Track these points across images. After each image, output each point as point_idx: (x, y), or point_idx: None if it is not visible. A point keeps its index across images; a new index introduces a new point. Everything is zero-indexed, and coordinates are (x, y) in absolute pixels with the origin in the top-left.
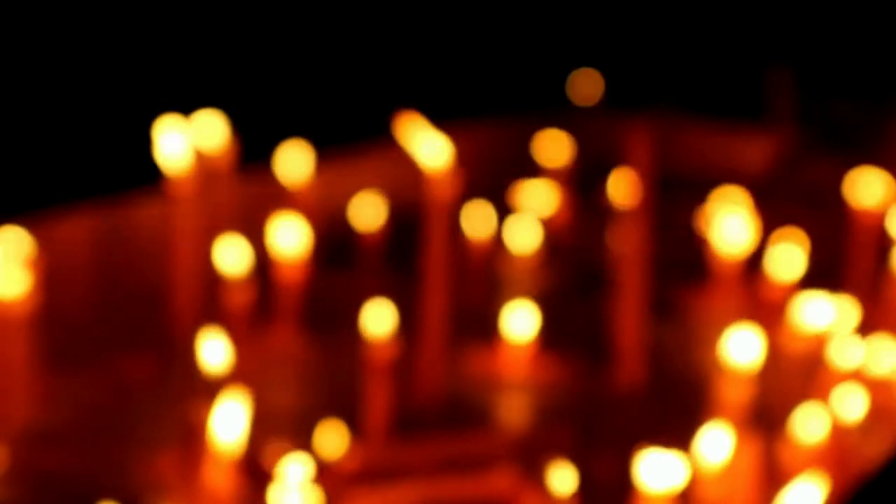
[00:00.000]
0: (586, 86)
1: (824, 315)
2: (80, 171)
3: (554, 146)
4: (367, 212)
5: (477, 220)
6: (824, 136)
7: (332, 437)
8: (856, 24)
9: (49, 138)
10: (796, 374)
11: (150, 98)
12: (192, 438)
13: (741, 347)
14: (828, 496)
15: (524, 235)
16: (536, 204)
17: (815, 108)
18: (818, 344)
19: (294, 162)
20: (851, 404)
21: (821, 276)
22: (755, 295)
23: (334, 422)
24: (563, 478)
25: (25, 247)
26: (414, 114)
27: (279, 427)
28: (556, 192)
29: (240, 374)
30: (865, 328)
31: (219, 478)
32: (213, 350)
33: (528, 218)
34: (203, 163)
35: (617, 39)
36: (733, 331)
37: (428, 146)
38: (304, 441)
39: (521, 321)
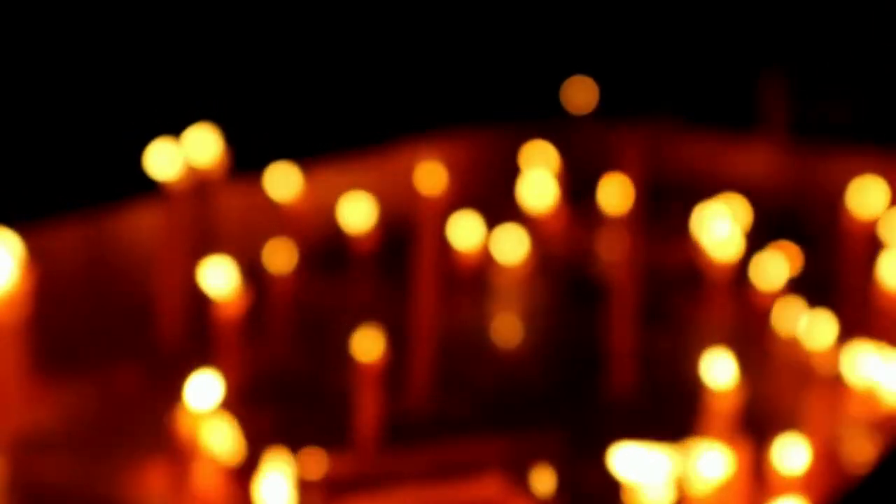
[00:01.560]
0: (580, 94)
1: (813, 324)
2: (71, 181)
3: (546, 154)
4: (358, 221)
5: (468, 228)
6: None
7: (324, 447)
8: (848, 28)
9: (40, 148)
10: (786, 382)
11: (142, 108)
12: (182, 447)
13: (718, 370)
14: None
15: (516, 243)
16: (528, 212)
17: (808, 112)
18: (807, 352)
19: (285, 174)
20: (839, 412)
21: (812, 284)
22: (746, 303)
23: (326, 431)
24: (552, 485)
25: (16, 255)
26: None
27: (270, 436)
28: (549, 200)
29: (231, 385)
30: (854, 337)
31: (209, 487)
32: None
33: (520, 226)
34: (196, 174)
35: (610, 47)
36: (710, 355)
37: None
38: (294, 450)
39: (512, 329)
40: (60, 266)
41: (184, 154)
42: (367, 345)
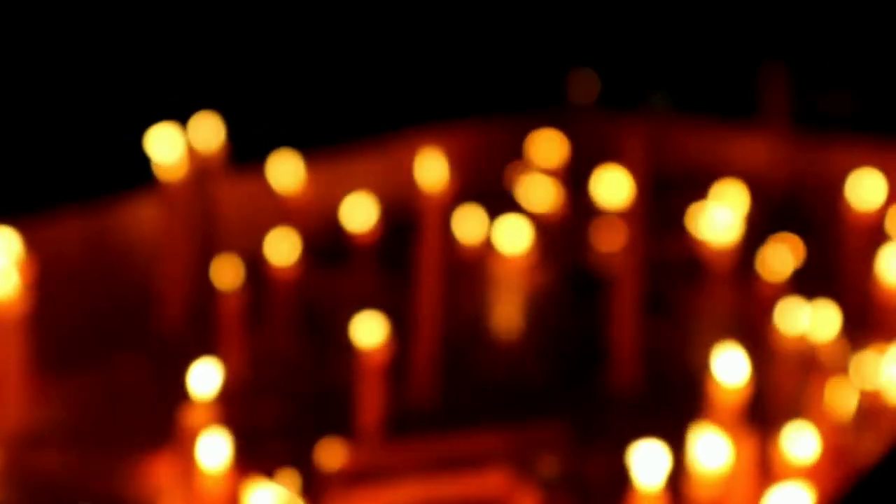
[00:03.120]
0: (582, 85)
1: (816, 315)
2: (70, 173)
3: (548, 145)
4: (360, 213)
5: (470, 220)
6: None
7: (327, 440)
8: (848, 19)
9: (39, 140)
10: (789, 374)
11: (141, 99)
12: (184, 441)
13: (728, 367)
14: (821, 497)
15: (518, 235)
16: (530, 203)
17: (809, 103)
18: (811, 344)
19: (287, 164)
20: (844, 405)
21: (814, 274)
22: (749, 295)
23: (329, 424)
24: (556, 478)
25: (16, 247)
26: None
27: (273, 430)
28: (551, 192)
29: (233, 379)
30: (857, 329)
31: (211, 482)
32: (205, 374)
33: (522, 217)
34: (197, 164)
35: (612, 38)
36: (720, 351)
37: None
38: (298, 444)
39: (514, 320)
40: (61, 258)
41: (185, 144)
42: (370, 336)
